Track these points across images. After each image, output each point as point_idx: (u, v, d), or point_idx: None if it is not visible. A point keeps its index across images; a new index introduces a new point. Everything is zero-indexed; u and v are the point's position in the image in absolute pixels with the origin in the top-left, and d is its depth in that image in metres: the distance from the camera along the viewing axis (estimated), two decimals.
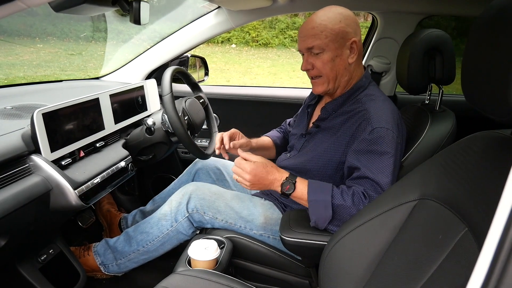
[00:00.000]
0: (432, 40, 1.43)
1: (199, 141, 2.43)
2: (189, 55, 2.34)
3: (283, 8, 2.00)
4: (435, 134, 1.37)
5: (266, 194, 1.62)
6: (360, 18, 8.33)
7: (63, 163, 1.32)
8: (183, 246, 1.52)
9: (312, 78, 1.42)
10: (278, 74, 10.05)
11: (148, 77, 2.25)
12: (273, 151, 1.83)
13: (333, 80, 1.37)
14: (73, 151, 1.40)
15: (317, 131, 1.46)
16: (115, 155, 1.57)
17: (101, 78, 2.26)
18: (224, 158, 1.65)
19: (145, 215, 1.92)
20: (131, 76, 2.23)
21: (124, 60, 2.28)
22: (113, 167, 1.50)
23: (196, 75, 2.47)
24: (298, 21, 13.19)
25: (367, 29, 2.30)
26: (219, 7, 2.02)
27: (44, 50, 9.61)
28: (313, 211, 1.23)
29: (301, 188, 1.26)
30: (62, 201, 1.24)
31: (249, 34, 13.04)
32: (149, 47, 2.20)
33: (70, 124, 1.37)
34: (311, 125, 1.53)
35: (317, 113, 1.54)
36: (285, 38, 13.11)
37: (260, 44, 12.92)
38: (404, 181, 1.00)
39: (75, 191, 1.25)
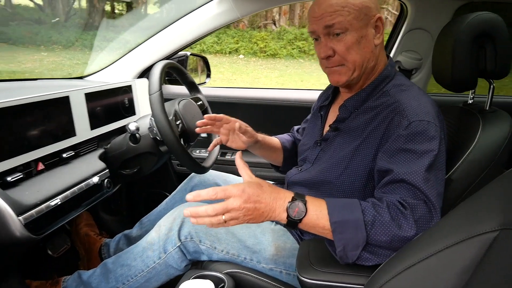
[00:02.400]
0: (482, 24, 1.21)
1: (197, 151, 2.20)
2: (188, 54, 2.06)
3: None
4: (490, 139, 1.17)
5: None
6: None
7: (9, 179, 1.05)
8: (174, 282, 1.30)
9: (331, 67, 1.19)
10: (285, 84, 10.06)
11: (141, 76, 2.02)
12: (280, 155, 1.58)
13: (359, 67, 1.16)
14: (28, 163, 1.15)
15: (336, 135, 1.24)
16: (86, 169, 1.32)
17: (86, 78, 1.98)
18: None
19: (130, 241, 1.69)
20: (120, 76, 1.99)
21: (114, 57, 1.99)
22: (82, 184, 1.25)
23: (197, 77, 2.28)
24: (306, 32, 13.19)
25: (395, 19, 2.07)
26: None
27: (48, 58, 9.67)
28: (339, 236, 0.95)
29: (315, 209, 0.96)
30: (1, 233, 0.93)
31: (257, 45, 13.11)
32: (141, 41, 1.91)
33: (25, 128, 1.12)
34: (326, 129, 1.30)
35: (333, 115, 1.33)
36: (293, 49, 13.14)
37: (268, 54, 12.95)
38: (473, 204, 0.78)
39: (20, 217, 0.97)
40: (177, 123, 1.47)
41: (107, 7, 12.97)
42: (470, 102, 1.40)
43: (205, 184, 1.65)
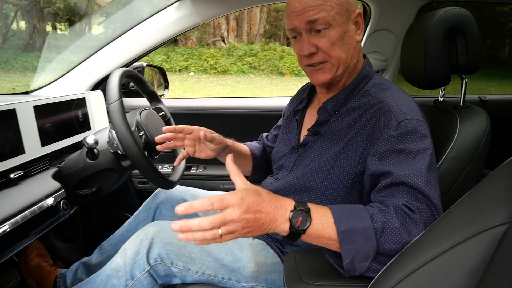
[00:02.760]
0: (453, 18, 1.21)
1: (159, 167, 2.07)
2: (144, 65, 1.95)
3: None
4: (470, 135, 1.16)
5: None
6: None
7: None
8: None
9: (311, 65, 1.13)
10: None
11: (95, 89, 1.89)
12: (249, 163, 1.50)
13: (343, 63, 1.12)
14: None
15: (316, 140, 1.17)
16: (39, 190, 1.18)
17: (32, 93, 1.81)
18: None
19: (90, 269, 1.55)
20: (72, 89, 1.84)
21: (66, 69, 1.85)
22: (35, 207, 1.11)
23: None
24: (255, 48, 13.39)
25: None
26: None
27: None
28: (347, 247, 0.85)
29: (320, 218, 0.86)
30: None
31: (207, 62, 13.08)
32: (93, 52, 1.78)
33: None
34: (304, 134, 1.24)
35: (310, 119, 1.27)
36: (243, 64, 13.21)
37: (218, 71, 12.94)
38: (475, 197, 0.73)
39: None
40: (140, 134, 1.35)
41: (49, 28, 12.50)
42: (441, 100, 1.39)
43: (172, 201, 1.54)
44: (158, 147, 1.25)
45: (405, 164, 0.94)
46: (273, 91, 10.87)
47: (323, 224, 0.86)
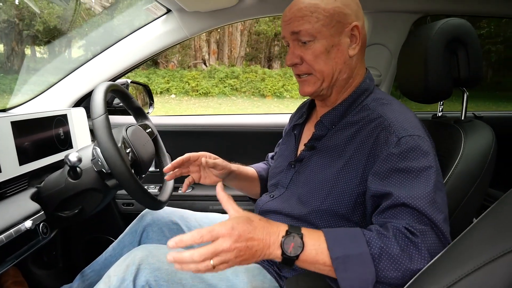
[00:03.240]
0: (453, 29, 1.17)
1: (146, 187, 1.94)
2: (129, 81, 1.88)
3: (250, 11, 1.68)
4: (476, 149, 1.11)
5: None
6: None
7: None
8: None
9: (299, 76, 1.11)
10: None
11: (77, 105, 1.81)
12: (257, 186, 1.44)
13: (328, 77, 1.07)
14: None
15: (312, 155, 1.13)
16: (16, 212, 1.08)
17: (10, 111, 1.72)
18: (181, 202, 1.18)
19: None
20: (53, 106, 1.77)
21: (45, 87, 1.77)
22: (11, 231, 1.01)
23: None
24: (236, 70, 13.49)
25: None
26: (169, 11, 1.60)
27: None
28: (343, 275, 0.81)
29: (313, 243, 0.84)
30: None
31: (189, 84, 13.07)
32: (75, 67, 1.71)
33: None
34: (301, 149, 1.19)
35: (308, 134, 1.22)
36: (225, 87, 13.24)
37: (200, 93, 12.93)
38: (498, 215, 0.67)
39: None
40: (127, 151, 1.27)
41: (27, 51, 12.34)
42: (439, 115, 1.36)
43: (159, 223, 1.45)
44: (166, 177, 1.24)
45: (407, 184, 0.89)
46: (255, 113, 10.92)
47: (316, 250, 0.83)
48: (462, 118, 1.24)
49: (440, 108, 1.35)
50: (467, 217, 1.07)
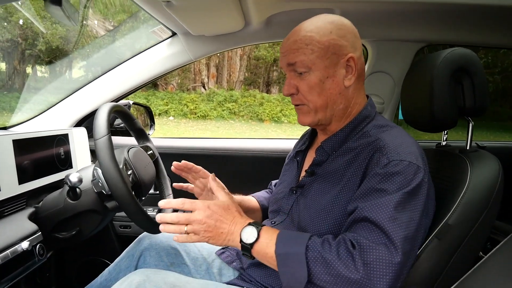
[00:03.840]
0: (459, 59, 1.17)
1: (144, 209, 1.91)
2: (131, 102, 1.88)
3: (255, 36, 1.70)
4: (483, 180, 1.07)
5: (250, 281, 1.19)
6: None
7: None
8: None
9: (296, 105, 1.14)
10: None
11: (78, 125, 1.81)
12: (258, 217, 1.43)
13: (322, 109, 1.10)
14: None
15: (313, 181, 1.14)
16: (13, 232, 1.06)
17: (11, 129, 1.71)
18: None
19: None
20: (54, 125, 1.76)
21: (45, 106, 1.76)
22: (7, 252, 0.99)
23: None
24: (235, 94, 13.55)
25: None
26: (174, 34, 1.61)
27: None
28: (283, 270, 0.93)
29: (266, 237, 0.97)
30: None
31: (187, 107, 13.12)
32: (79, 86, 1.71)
33: None
34: (303, 175, 1.19)
35: (310, 160, 1.23)
36: (223, 110, 13.29)
37: (198, 116, 12.97)
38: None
39: None
40: (128, 173, 1.26)
41: (29, 70, 12.41)
42: (443, 144, 1.34)
43: (157, 248, 1.40)
44: (175, 185, 1.32)
45: (376, 199, 0.93)
46: (253, 137, 10.91)
47: (267, 243, 0.95)
48: (467, 148, 1.22)
49: (444, 137, 1.34)
50: (473, 250, 1.05)
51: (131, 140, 1.57)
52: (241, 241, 0.96)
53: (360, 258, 0.87)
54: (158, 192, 1.55)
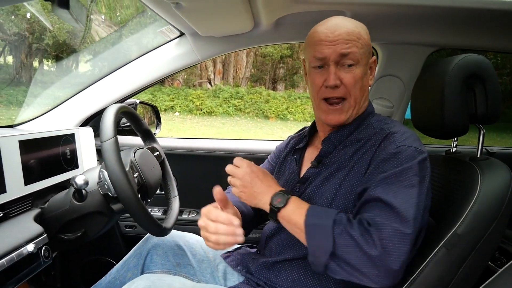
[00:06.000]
0: (471, 65, 1.15)
1: (149, 210, 1.89)
2: (137, 101, 1.86)
3: (263, 37, 1.68)
4: (494, 189, 1.05)
5: (257, 285, 1.19)
6: None
7: None
8: None
9: (330, 103, 1.13)
10: None
11: (84, 125, 1.79)
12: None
13: (358, 104, 1.14)
14: None
15: (317, 173, 1.16)
16: (19, 234, 1.05)
17: (17, 127, 1.70)
18: None
19: None
20: (60, 124, 1.75)
21: (52, 104, 1.75)
22: (13, 255, 0.98)
23: None
24: (241, 91, 13.50)
25: None
26: (182, 34, 1.59)
27: None
28: (311, 240, 0.98)
29: (294, 205, 1.03)
30: None
31: (193, 103, 13.11)
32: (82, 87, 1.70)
33: None
34: (304, 171, 1.21)
35: (310, 157, 1.26)
36: (229, 107, 13.27)
37: (204, 112, 12.96)
38: None
39: None
40: (135, 175, 1.25)
41: (36, 63, 12.43)
42: (453, 150, 1.33)
43: (164, 247, 1.40)
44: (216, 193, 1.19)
45: (387, 182, 0.97)
46: (258, 134, 10.86)
47: (294, 210, 1.01)
48: (478, 156, 1.20)
49: (454, 144, 1.32)
50: (482, 260, 1.03)
51: (137, 140, 1.56)
52: (270, 203, 1.03)
53: (377, 235, 0.91)
54: (164, 192, 1.54)
